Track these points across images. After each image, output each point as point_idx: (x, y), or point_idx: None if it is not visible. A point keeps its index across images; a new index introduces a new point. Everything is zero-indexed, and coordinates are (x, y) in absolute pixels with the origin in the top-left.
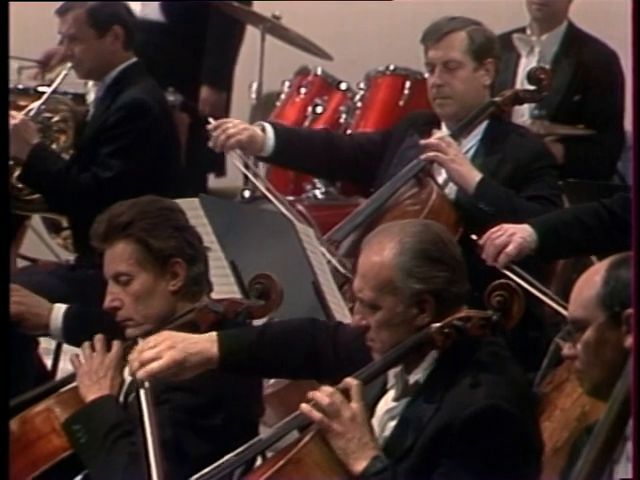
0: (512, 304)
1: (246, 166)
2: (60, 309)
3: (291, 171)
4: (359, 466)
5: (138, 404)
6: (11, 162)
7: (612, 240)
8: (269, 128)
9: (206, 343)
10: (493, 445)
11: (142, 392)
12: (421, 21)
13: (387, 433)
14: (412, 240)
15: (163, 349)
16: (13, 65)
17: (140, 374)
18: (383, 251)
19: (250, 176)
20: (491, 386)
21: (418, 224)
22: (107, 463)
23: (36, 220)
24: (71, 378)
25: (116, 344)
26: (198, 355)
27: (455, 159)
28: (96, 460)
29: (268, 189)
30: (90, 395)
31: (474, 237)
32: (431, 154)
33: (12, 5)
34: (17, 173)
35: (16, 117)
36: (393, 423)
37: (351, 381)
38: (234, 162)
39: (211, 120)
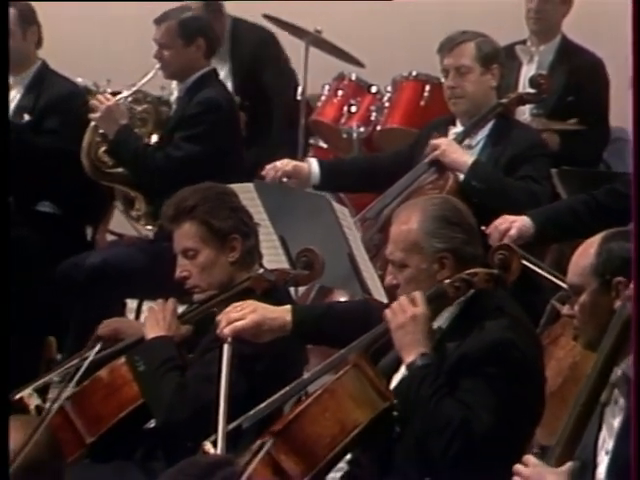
0: (511, 261)
1: None
2: None
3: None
4: (408, 358)
5: (220, 355)
6: (99, 138)
7: (599, 224)
8: (313, 162)
9: (282, 312)
10: (503, 369)
11: (226, 346)
12: (440, 33)
13: None
14: (433, 208)
15: (247, 312)
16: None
17: (226, 331)
18: (410, 219)
19: None
20: (502, 325)
21: (439, 197)
22: (159, 388)
23: None
24: None
25: (171, 299)
26: (275, 321)
27: (448, 149)
28: (151, 385)
29: None
30: (150, 334)
31: (483, 228)
32: (429, 157)
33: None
34: (103, 148)
35: (110, 100)
36: None
37: (415, 292)
38: None
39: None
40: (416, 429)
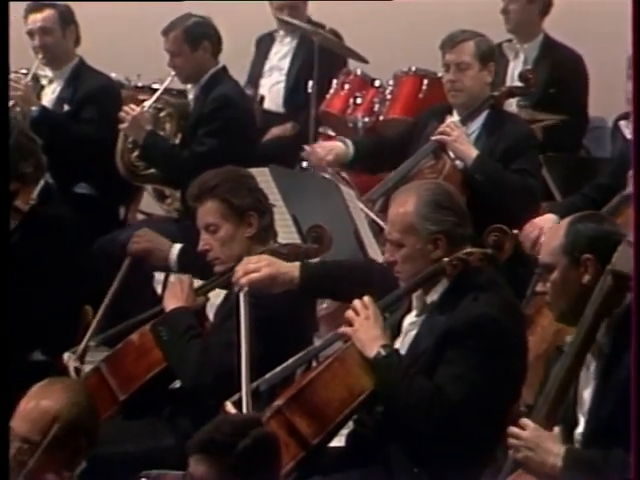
0: (504, 242)
1: None
2: (177, 247)
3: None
4: (371, 352)
5: (237, 303)
6: (130, 145)
7: None
8: (350, 146)
9: (292, 267)
10: (484, 342)
11: (241, 294)
12: (436, 32)
13: (410, 339)
14: (427, 193)
15: (262, 265)
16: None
17: (243, 280)
18: (406, 203)
19: None
20: (486, 301)
21: (431, 183)
22: (184, 355)
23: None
24: None
25: (187, 276)
26: (285, 275)
27: (457, 139)
28: (176, 353)
29: None
30: (170, 306)
31: (515, 232)
32: (439, 137)
33: None
34: (136, 154)
35: (135, 110)
36: (414, 332)
37: (365, 297)
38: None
39: (306, 147)
40: (395, 410)
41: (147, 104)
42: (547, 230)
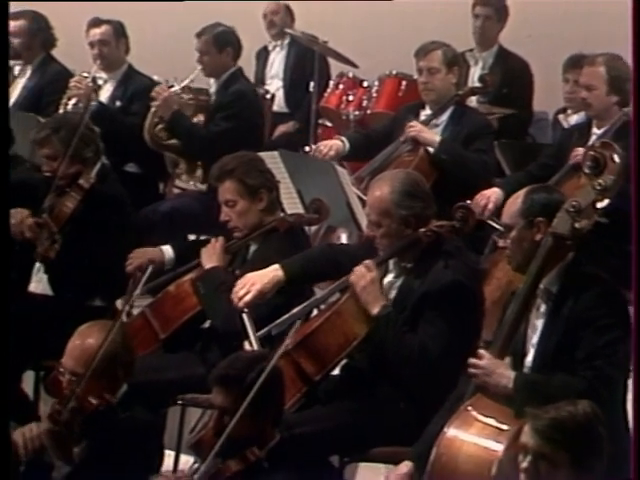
0: (469, 217)
1: None
2: (168, 248)
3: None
4: (374, 310)
5: (242, 322)
6: (156, 119)
7: None
8: (346, 142)
9: (275, 272)
10: (455, 305)
11: (245, 315)
12: (413, 43)
13: (392, 298)
14: (399, 183)
15: (250, 287)
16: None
17: (240, 304)
18: (381, 190)
19: None
20: (455, 267)
21: (403, 173)
22: (216, 306)
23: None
24: None
25: (221, 238)
26: (271, 282)
27: (422, 130)
28: (210, 304)
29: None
30: (207, 265)
31: (468, 202)
32: (407, 135)
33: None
34: (160, 127)
35: (165, 91)
36: (394, 292)
37: (367, 261)
38: None
39: (312, 146)
40: (387, 359)
41: (175, 89)
42: (510, 199)
